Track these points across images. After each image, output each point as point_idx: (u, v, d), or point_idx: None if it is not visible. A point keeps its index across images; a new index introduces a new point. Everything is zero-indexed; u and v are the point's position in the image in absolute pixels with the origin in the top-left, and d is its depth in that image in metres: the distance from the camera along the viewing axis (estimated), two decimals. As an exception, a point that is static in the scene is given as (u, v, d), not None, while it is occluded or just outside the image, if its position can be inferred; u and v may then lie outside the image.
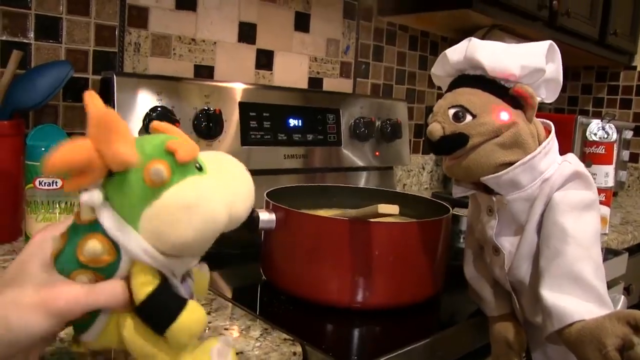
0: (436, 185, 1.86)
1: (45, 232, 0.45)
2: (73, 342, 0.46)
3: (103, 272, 0.41)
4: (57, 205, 0.80)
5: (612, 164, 1.35)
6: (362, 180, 1.41)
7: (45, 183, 0.79)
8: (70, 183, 0.39)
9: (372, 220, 0.68)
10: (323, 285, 0.71)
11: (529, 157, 0.63)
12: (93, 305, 0.41)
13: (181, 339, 0.41)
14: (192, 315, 0.41)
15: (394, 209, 0.65)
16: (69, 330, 0.45)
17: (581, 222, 0.61)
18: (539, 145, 0.64)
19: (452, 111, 0.64)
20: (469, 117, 0.63)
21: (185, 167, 0.41)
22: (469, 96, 0.64)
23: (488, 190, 0.67)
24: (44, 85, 0.84)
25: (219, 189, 0.42)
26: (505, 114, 0.62)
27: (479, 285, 0.73)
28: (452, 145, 0.64)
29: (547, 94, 0.68)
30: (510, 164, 0.63)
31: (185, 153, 0.41)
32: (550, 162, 0.65)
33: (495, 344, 0.69)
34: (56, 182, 0.79)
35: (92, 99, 0.40)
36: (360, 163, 1.36)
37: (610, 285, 1.16)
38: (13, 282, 0.42)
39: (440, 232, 0.76)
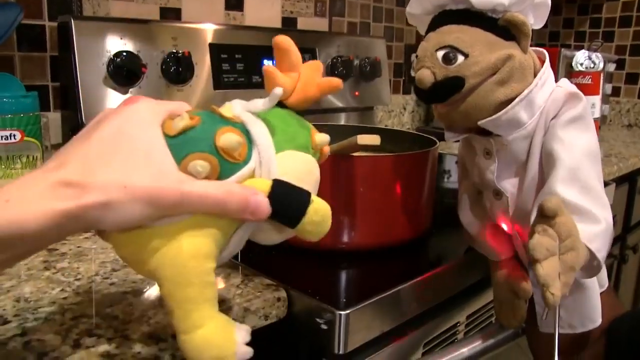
0: (418, 125, 1.82)
1: (146, 102, 0.40)
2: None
3: (224, 168, 0.39)
4: (19, 160, 0.75)
5: (598, 94, 1.32)
6: (342, 122, 1.37)
7: (2, 137, 0.73)
8: (273, 69, 0.43)
9: (355, 154, 0.65)
10: (306, 228, 0.67)
11: (526, 91, 0.57)
12: (201, 203, 0.37)
13: (325, 220, 0.42)
14: (320, 200, 0.42)
15: (374, 139, 0.61)
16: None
17: (570, 141, 0.57)
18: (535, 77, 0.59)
19: (440, 53, 0.57)
20: (460, 58, 0.56)
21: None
22: (456, 34, 0.57)
23: (484, 132, 0.62)
24: (-8, 30, 0.78)
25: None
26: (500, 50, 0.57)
27: (478, 231, 0.69)
28: (447, 91, 0.57)
29: (536, 20, 0.62)
30: (510, 100, 0.58)
31: (328, 148, 0.49)
32: (547, 93, 0.60)
33: (499, 289, 0.66)
34: (14, 136, 0.74)
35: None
36: (339, 104, 1.32)
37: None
38: (115, 151, 0.36)
39: (428, 165, 0.72)
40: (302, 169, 0.43)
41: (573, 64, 1.30)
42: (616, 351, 0.63)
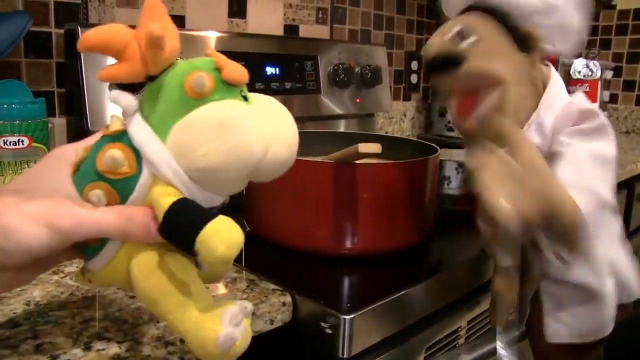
0: (418, 132, 1.83)
1: (65, 146, 0.42)
2: (79, 273, 0.43)
3: (119, 187, 0.38)
4: (26, 165, 0.76)
5: (596, 101, 1.33)
6: (342, 128, 1.38)
7: (10, 142, 0.74)
8: (105, 70, 0.38)
9: (358, 162, 0.66)
10: (309, 233, 0.68)
11: (534, 115, 0.59)
12: (99, 228, 0.37)
13: (214, 251, 0.35)
14: (225, 223, 0.36)
15: (375, 147, 0.62)
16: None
17: (574, 145, 0.57)
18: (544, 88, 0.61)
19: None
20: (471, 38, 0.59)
21: (230, 89, 0.39)
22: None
23: None
24: (1, 37, 0.79)
25: (261, 120, 0.38)
26: None
27: (493, 233, 0.70)
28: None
29: (562, 43, 0.63)
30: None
31: (233, 72, 0.38)
32: (556, 110, 0.60)
33: (493, 294, 0.67)
34: (22, 141, 0.75)
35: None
36: (340, 110, 1.33)
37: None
38: (21, 193, 0.38)
39: (429, 172, 0.73)
40: (201, 135, 0.36)
41: (571, 72, 1.32)
42: (613, 352, 0.64)
